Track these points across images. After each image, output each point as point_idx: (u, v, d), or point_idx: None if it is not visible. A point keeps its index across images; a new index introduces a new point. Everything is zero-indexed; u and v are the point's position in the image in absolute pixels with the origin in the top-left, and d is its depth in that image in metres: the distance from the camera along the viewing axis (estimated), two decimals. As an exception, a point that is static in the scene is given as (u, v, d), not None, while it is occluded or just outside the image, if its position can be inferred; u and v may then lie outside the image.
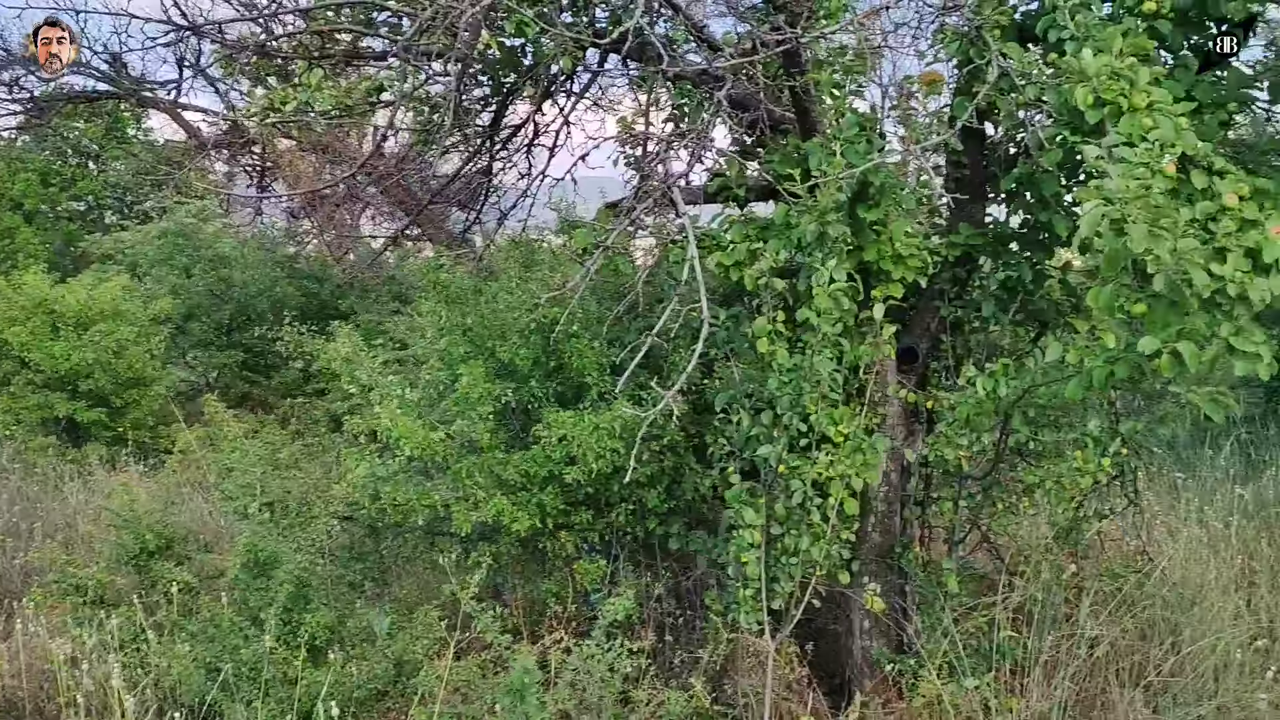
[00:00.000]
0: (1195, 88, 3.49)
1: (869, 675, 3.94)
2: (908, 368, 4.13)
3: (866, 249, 3.73)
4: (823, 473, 3.31)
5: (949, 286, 3.94)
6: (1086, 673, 3.85)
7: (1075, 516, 4.11)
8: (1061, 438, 3.67)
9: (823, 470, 3.24)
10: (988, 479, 3.90)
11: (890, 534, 4.04)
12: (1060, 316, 3.95)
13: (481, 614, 3.12)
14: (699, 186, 4.10)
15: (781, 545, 3.14)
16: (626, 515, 3.84)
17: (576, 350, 3.69)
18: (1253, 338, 2.76)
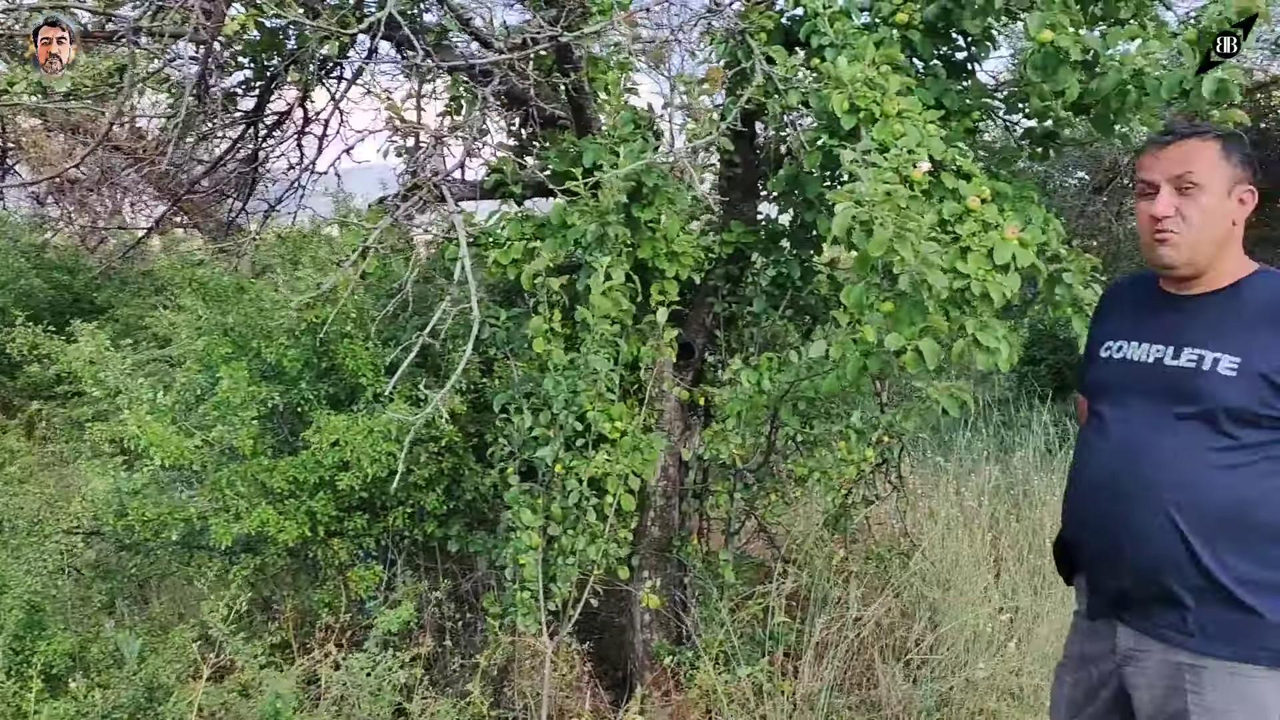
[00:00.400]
0: (944, 95, 3.70)
1: (649, 668, 3.99)
2: (684, 364, 4.20)
3: (641, 247, 3.77)
4: (600, 471, 3.32)
5: (722, 283, 4.03)
6: (854, 652, 4.04)
7: (844, 504, 4.31)
8: (831, 429, 3.82)
9: (599, 468, 3.24)
10: (761, 471, 4.03)
11: (669, 528, 4.11)
12: (828, 311, 4.11)
13: (232, 635, 2.94)
14: (475, 182, 4.02)
15: (559, 546, 3.13)
16: (404, 519, 3.73)
17: (349, 351, 3.54)
18: (994, 333, 2.96)
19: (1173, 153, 2.11)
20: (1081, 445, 2.34)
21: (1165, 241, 2.10)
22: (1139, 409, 2.17)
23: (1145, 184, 2.15)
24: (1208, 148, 2.11)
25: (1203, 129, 2.14)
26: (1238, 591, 2.03)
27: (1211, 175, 2.10)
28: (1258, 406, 2.01)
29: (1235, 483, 2.03)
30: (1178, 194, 2.10)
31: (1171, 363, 2.13)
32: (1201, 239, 2.10)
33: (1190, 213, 2.08)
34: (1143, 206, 2.15)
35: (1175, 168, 2.10)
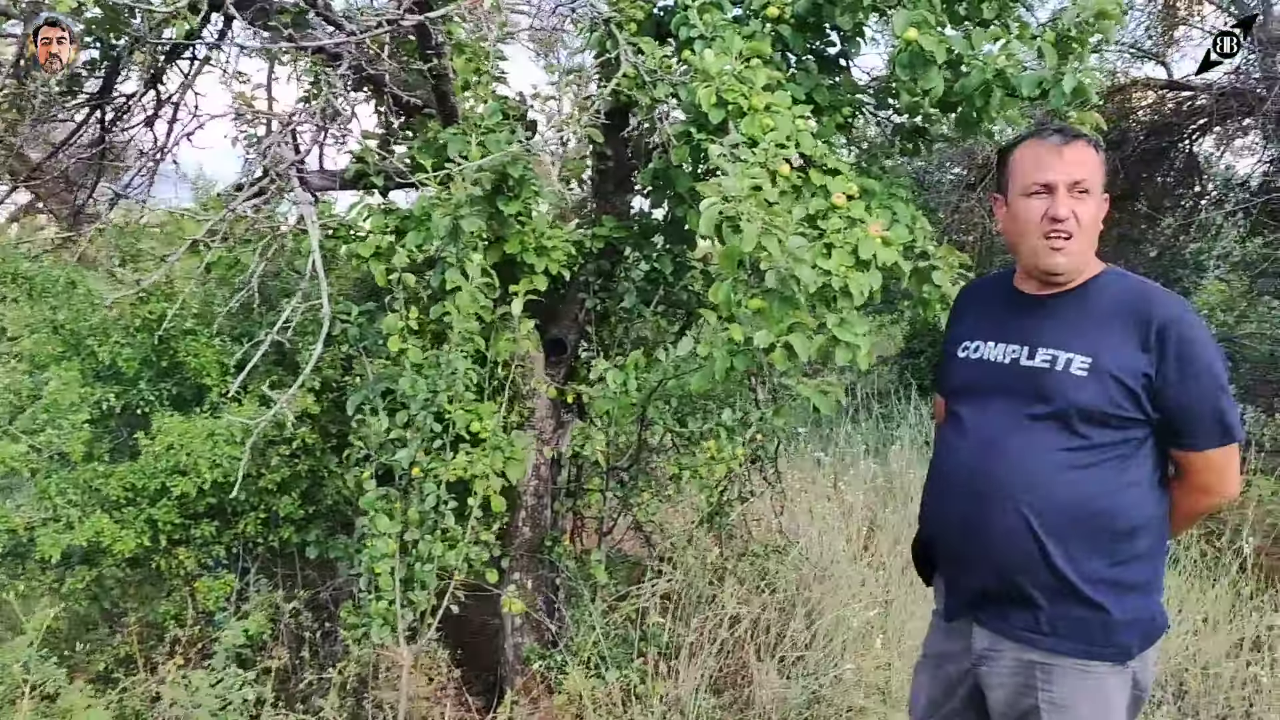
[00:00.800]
0: (815, 91, 3.68)
1: (520, 673, 3.88)
2: (557, 360, 4.10)
3: (509, 241, 3.65)
4: (463, 472, 3.20)
5: (594, 278, 3.94)
6: (729, 651, 4.00)
7: (719, 502, 4.27)
8: (703, 427, 3.77)
9: (461, 470, 3.12)
10: (634, 469, 3.95)
11: (541, 528, 4.00)
12: (701, 308, 4.06)
13: (43, 660, 2.72)
14: (336, 172, 3.84)
15: (416, 552, 2.99)
16: (256, 525, 3.54)
17: (191, 348, 3.33)
18: (854, 329, 2.93)
19: (1071, 155, 2.08)
20: (940, 445, 2.33)
21: (1061, 248, 2.08)
22: (995, 409, 2.16)
23: (1042, 185, 2.09)
24: (1093, 150, 2.10)
25: (1084, 133, 2.13)
26: (1087, 590, 2.03)
27: (1098, 180, 2.09)
28: (1108, 406, 2.01)
29: (1086, 483, 2.03)
30: (1073, 196, 2.07)
31: (1027, 363, 2.12)
32: (1088, 244, 2.10)
33: (1083, 218, 2.07)
34: (1036, 206, 2.10)
35: (1074, 170, 2.07)
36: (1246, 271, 6.93)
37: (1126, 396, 2.01)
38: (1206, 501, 2.14)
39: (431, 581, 2.95)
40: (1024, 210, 2.12)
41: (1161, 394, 2.01)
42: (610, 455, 3.96)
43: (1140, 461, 2.06)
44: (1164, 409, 2.02)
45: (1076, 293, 2.13)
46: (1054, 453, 2.05)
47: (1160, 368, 2.00)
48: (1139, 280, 2.15)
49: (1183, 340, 2.00)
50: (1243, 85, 5.68)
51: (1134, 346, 2.02)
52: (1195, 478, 2.10)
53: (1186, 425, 2.03)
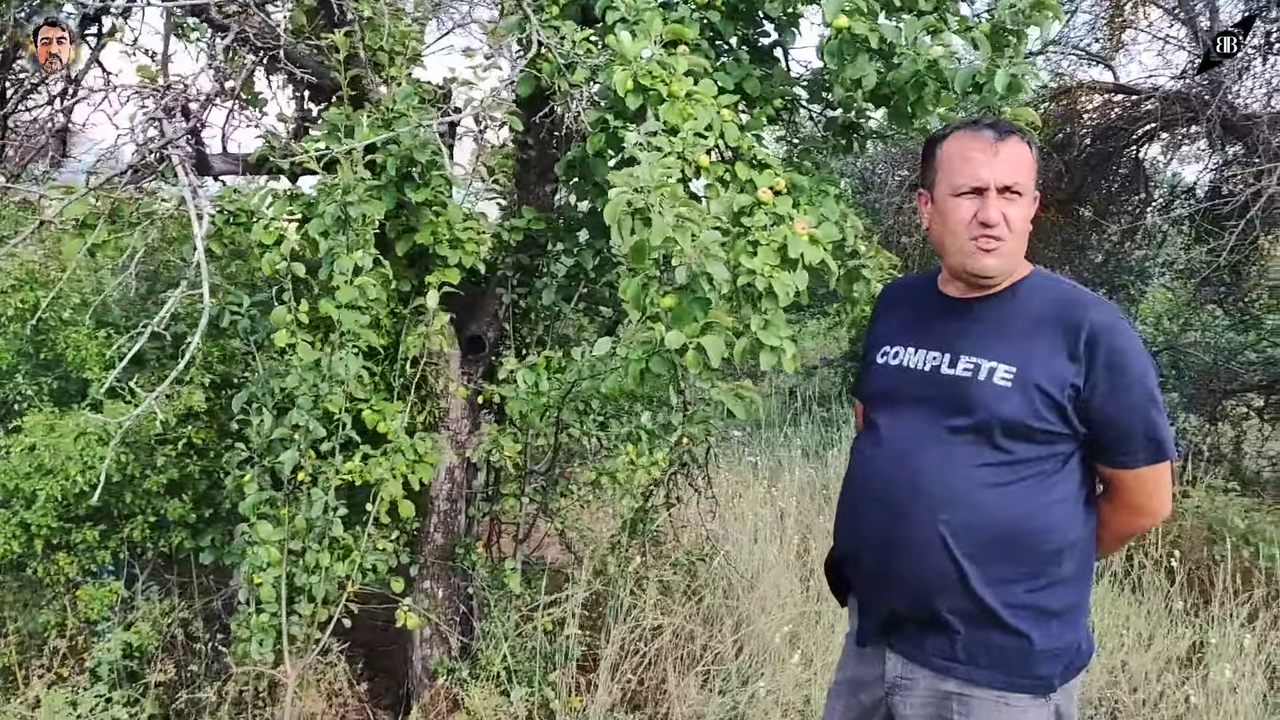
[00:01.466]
0: (745, 81, 3.52)
1: (428, 686, 3.69)
2: (474, 358, 3.91)
3: (420, 231, 3.46)
4: (355, 477, 3.01)
5: (513, 273, 3.76)
6: (649, 664, 3.84)
7: (642, 508, 4.10)
8: (624, 431, 3.60)
9: (355, 474, 2.92)
10: (552, 474, 3.78)
11: (454, 534, 3.81)
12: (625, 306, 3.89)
13: None
14: (238, 155, 3.62)
15: (303, 562, 2.79)
16: (144, 530, 3.31)
17: (73, 340, 3.11)
18: (778, 331, 2.78)
19: (1006, 154, 1.91)
20: (855, 456, 2.17)
21: (992, 251, 1.92)
22: (914, 420, 2.01)
23: (972, 188, 1.92)
24: (1026, 149, 1.94)
25: (1018, 127, 1.97)
26: (1007, 616, 1.89)
27: (1030, 179, 1.94)
28: (1032, 419, 1.87)
29: (1007, 501, 1.89)
30: (1003, 198, 1.91)
31: (948, 371, 1.97)
32: (1019, 248, 1.95)
33: (1015, 222, 1.92)
34: (966, 207, 1.93)
35: (1007, 172, 1.90)
36: (1191, 279, 6.90)
37: (1052, 409, 1.87)
38: (1137, 522, 2.01)
39: (320, 593, 2.75)
40: (953, 211, 1.96)
41: (1090, 407, 1.87)
42: (529, 458, 3.78)
43: (1066, 478, 1.92)
44: (1092, 423, 1.88)
45: (1003, 297, 1.99)
46: (974, 468, 1.90)
47: (1089, 379, 1.86)
48: (1068, 285, 2.01)
49: (1113, 350, 1.86)
50: (1188, 90, 5.62)
51: (1061, 355, 1.88)
52: (1125, 496, 1.96)
53: (1116, 441, 1.89)
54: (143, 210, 3.20)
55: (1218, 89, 5.17)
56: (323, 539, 2.75)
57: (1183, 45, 5.74)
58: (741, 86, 3.51)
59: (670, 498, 4.32)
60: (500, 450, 3.27)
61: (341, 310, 2.81)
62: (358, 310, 2.83)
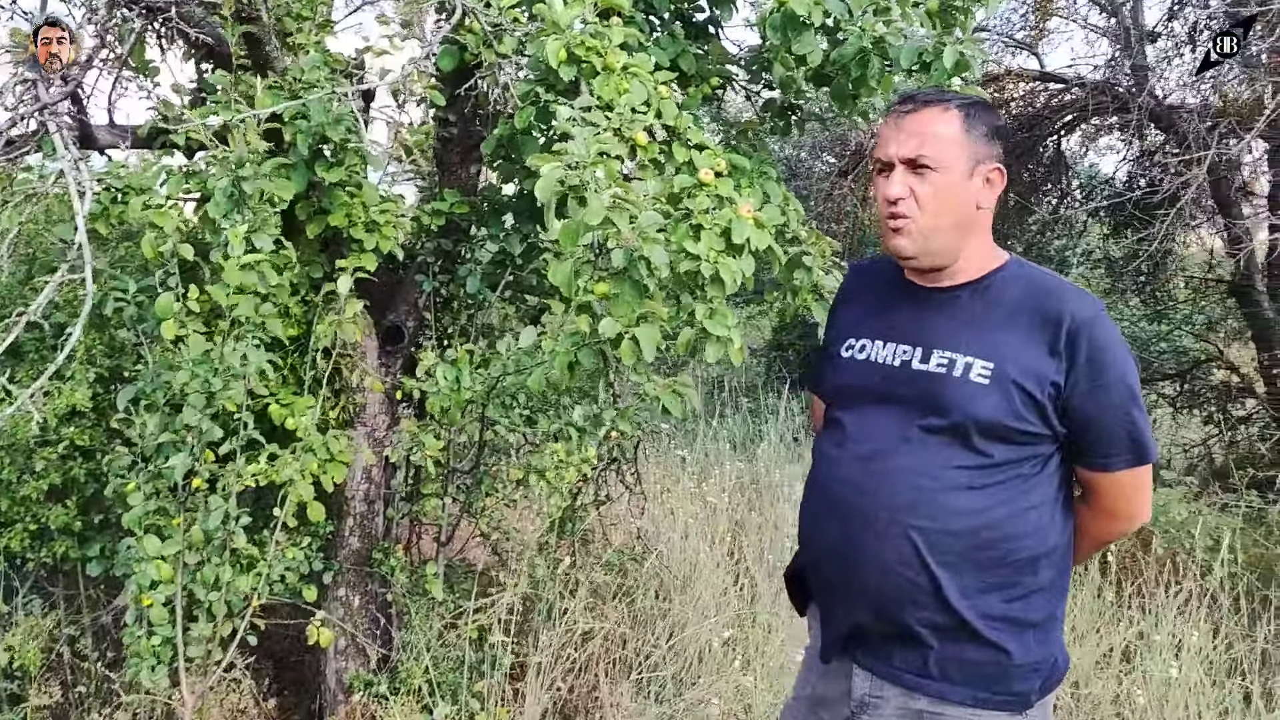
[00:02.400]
0: (681, 57, 3.35)
1: (343, 702, 3.44)
2: (393, 350, 3.67)
3: (334, 213, 3.20)
4: (267, 477, 2.75)
5: (433, 259, 3.52)
6: (580, 671, 3.66)
7: (572, 506, 3.91)
8: (554, 427, 3.39)
9: (263, 475, 2.67)
10: (476, 472, 3.56)
11: (371, 538, 3.57)
12: (554, 295, 3.68)
13: None
14: (127, 127, 3.31)
15: (201, 576, 2.52)
16: (23, 538, 3.00)
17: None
18: (724, 321, 2.61)
19: (910, 125, 1.78)
20: (818, 458, 2.00)
21: (900, 231, 1.80)
22: (883, 419, 1.85)
23: (880, 161, 1.83)
24: (948, 119, 1.78)
25: (945, 96, 1.82)
26: (983, 628, 1.75)
27: (949, 152, 1.77)
28: (1010, 419, 1.72)
29: (985, 506, 1.74)
30: (912, 173, 1.78)
31: (920, 366, 1.82)
32: (938, 226, 1.79)
33: (924, 196, 1.77)
34: (880, 185, 1.83)
35: (909, 145, 1.77)
36: (1109, 271, 6.95)
37: (1032, 408, 1.73)
38: (1115, 527, 1.89)
39: (221, 610, 2.49)
40: (876, 189, 1.87)
41: (1070, 405, 1.73)
42: (451, 455, 3.56)
43: (1044, 482, 1.79)
44: (1071, 423, 1.75)
45: (976, 287, 1.84)
46: (948, 470, 1.75)
47: (1070, 376, 1.72)
48: (1047, 274, 1.87)
49: (1095, 344, 1.72)
50: (1113, 80, 5.63)
51: (1041, 350, 1.74)
52: (1103, 500, 1.83)
53: (1095, 442, 1.76)
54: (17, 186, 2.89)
55: (1144, 79, 5.17)
56: (223, 551, 2.49)
57: (1106, 33, 5.75)
58: (676, 63, 3.33)
59: (600, 495, 4.14)
60: (421, 448, 3.04)
61: (237, 297, 2.55)
62: (257, 296, 2.57)
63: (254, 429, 2.89)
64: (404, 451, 3.13)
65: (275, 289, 2.69)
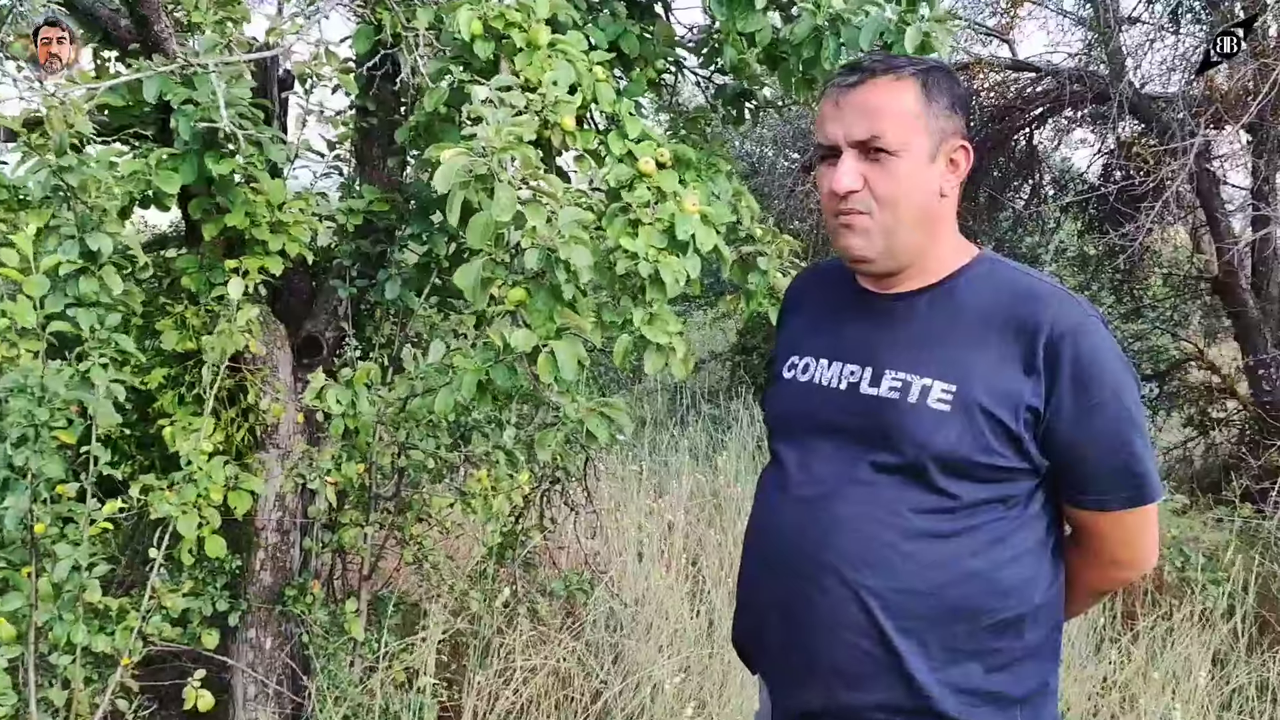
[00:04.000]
0: (623, 39, 3.03)
1: (254, 757, 3.10)
2: (310, 363, 3.33)
3: (233, 212, 2.86)
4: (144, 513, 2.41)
5: (350, 262, 3.18)
6: (520, 713, 3.33)
7: (512, 530, 3.58)
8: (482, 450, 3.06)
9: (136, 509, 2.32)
10: (400, 498, 3.22)
11: (285, 571, 3.22)
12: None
13: None
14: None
15: (52, 637, 2.17)
16: None
17: None
18: (666, 327, 2.29)
19: (858, 100, 1.45)
20: (757, 501, 1.67)
21: (851, 227, 1.48)
22: (827, 454, 1.52)
23: (824, 146, 1.49)
24: (903, 90, 1.45)
25: (896, 62, 1.48)
26: (956, 710, 1.43)
27: (910, 131, 1.44)
28: (978, 453, 1.41)
29: (952, 558, 1.43)
30: (865, 159, 1.45)
31: (869, 390, 1.50)
32: (899, 222, 1.47)
33: (883, 188, 1.45)
34: (824, 176, 1.50)
35: (859, 122, 1.44)
36: (1082, 268, 6.70)
37: (1004, 439, 1.41)
38: (1115, 575, 1.58)
39: (79, 675, 2.14)
40: (820, 180, 1.53)
41: (1054, 433, 1.42)
42: (374, 479, 3.22)
43: (1026, 525, 1.47)
44: (1057, 453, 1.43)
45: (937, 291, 1.52)
46: (905, 516, 1.44)
47: (1051, 397, 1.41)
48: (1023, 272, 1.54)
49: (1082, 357, 1.40)
50: (1089, 69, 5.37)
51: (1014, 367, 1.42)
52: (1100, 545, 1.52)
53: (1087, 477, 1.45)
54: None
55: (1121, 67, 4.92)
56: (73, 607, 2.14)
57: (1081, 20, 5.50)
58: (617, 44, 3.01)
59: (544, 518, 3.81)
60: (323, 475, 2.70)
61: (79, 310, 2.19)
62: (99, 309, 2.22)
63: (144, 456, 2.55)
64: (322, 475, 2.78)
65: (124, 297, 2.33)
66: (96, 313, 2.42)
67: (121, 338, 2.42)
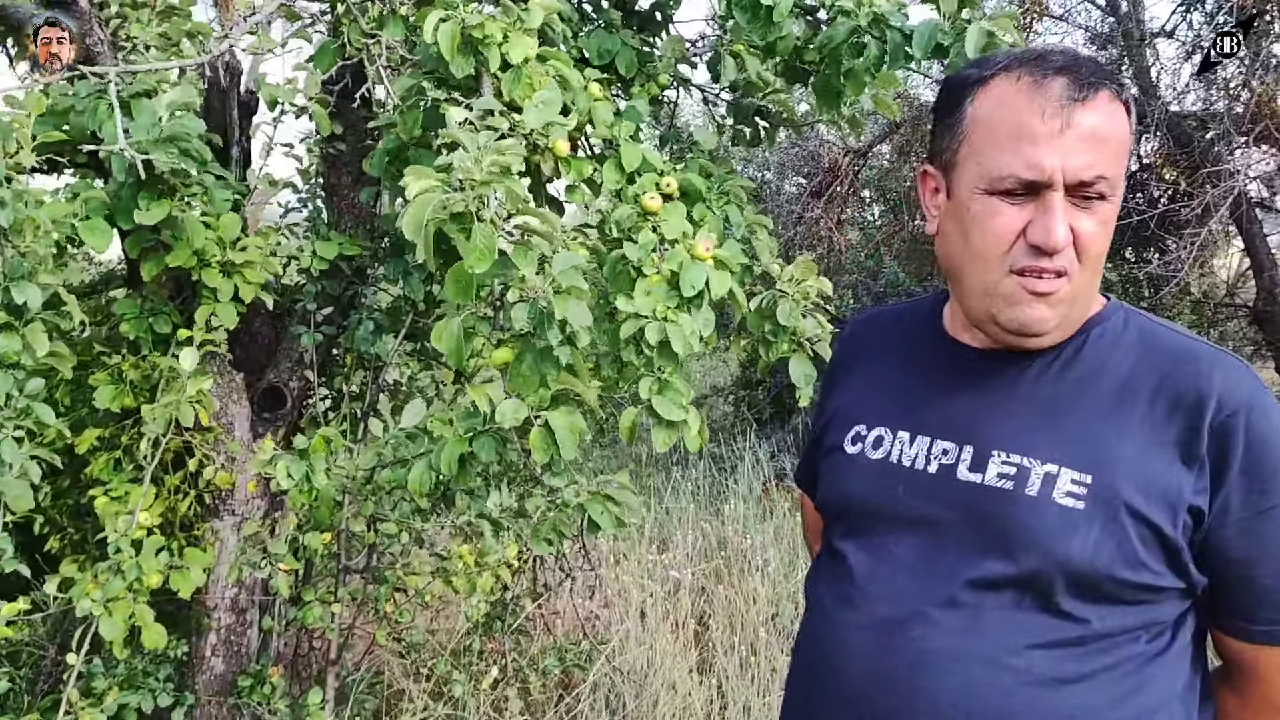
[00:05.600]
0: (619, 54, 2.68)
1: None
2: (272, 417, 2.96)
3: (176, 250, 2.49)
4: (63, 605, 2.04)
5: (315, 306, 2.81)
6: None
7: (500, 601, 3.21)
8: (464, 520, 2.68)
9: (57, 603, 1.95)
10: (367, 573, 2.84)
11: (240, 657, 2.84)
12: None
13: None
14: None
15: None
16: None
17: None
18: (678, 399, 1.93)
19: (1088, 123, 1.04)
20: (814, 614, 1.28)
21: (1050, 296, 1.08)
22: (912, 561, 1.16)
23: (1025, 180, 1.06)
24: (1122, 113, 1.08)
25: (1105, 73, 1.08)
26: None
27: (1122, 169, 1.08)
28: (1119, 568, 1.05)
29: (1079, 710, 1.06)
30: (1075, 205, 1.06)
31: (969, 476, 1.13)
32: (1093, 286, 1.12)
33: (1091, 245, 1.07)
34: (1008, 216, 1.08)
35: (1087, 156, 1.04)
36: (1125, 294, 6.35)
37: (1157, 549, 1.05)
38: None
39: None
40: (984, 217, 1.10)
41: (1217, 541, 1.06)
42: (345, 549, 2.84)
43: (1173, 663, 1.10)
44: (1217, 569, 1.08)
45: (1059, 353, 1.16)
46: (1021, 653, 1.07)
47: (1219, 494, 1.05)
48: (1165, 327, 1.17)
49: (1256, 443, 1.05)
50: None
51: (1170, 453, 1.07)
52: (1264, 691, 1.15)
53: (1256, 600, 1.09)
54: None
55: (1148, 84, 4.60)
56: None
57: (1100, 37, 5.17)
58: (614, 61, 2.67)
59: (537, 583, 3.44)
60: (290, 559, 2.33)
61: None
62: (19, 371, 1.86)
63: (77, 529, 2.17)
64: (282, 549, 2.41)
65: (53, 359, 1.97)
66: (14, 376, 2.06)
67: (41, 407, 2.05)
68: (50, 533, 2.74)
